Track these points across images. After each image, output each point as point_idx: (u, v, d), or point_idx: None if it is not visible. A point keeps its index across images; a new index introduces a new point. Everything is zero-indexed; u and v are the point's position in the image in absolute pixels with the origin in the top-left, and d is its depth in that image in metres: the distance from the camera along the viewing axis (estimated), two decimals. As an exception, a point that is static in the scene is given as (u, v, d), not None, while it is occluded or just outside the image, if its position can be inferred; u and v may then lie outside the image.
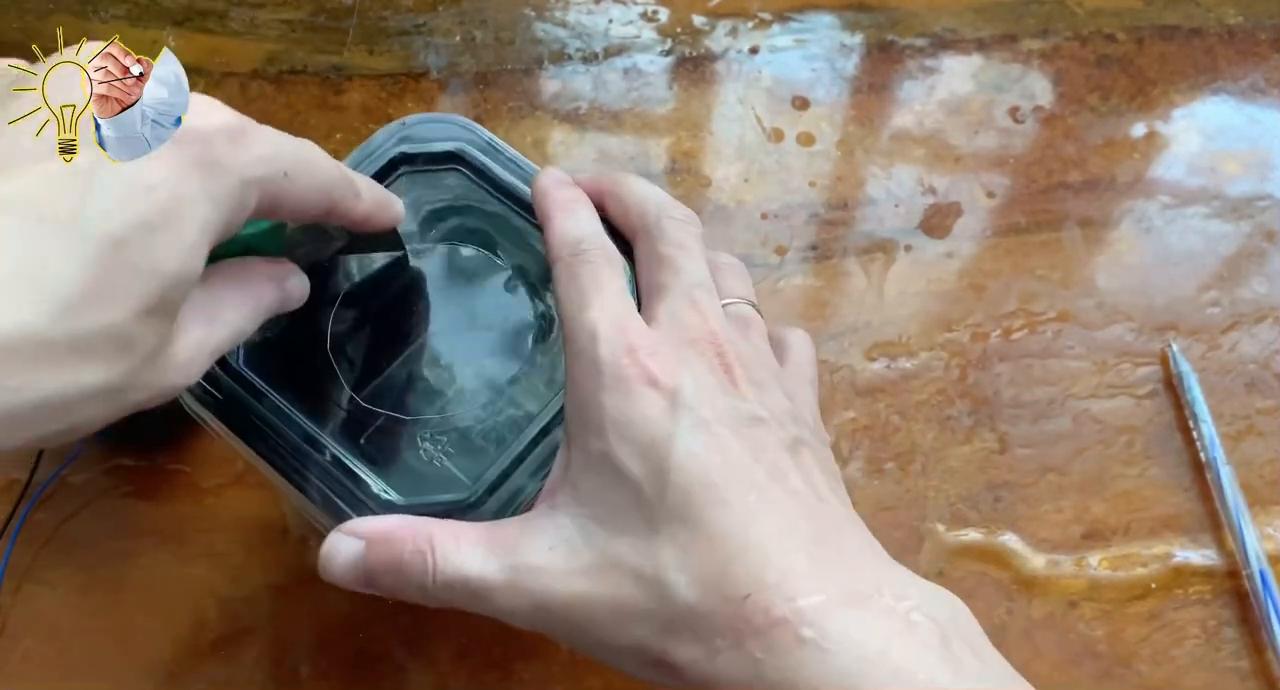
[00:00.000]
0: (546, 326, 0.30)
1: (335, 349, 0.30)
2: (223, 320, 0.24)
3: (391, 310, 0.31)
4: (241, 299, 0.25)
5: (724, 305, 0.28)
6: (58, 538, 0.36)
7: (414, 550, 0.24)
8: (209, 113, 0.22)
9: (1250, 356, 0.42)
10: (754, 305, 0.30)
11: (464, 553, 0.24)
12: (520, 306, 0.31)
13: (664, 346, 0.25)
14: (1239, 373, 0.42)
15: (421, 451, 0.29)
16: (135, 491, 0.37)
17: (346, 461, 0.28)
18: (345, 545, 0.25)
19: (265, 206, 0.23)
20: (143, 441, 0.37)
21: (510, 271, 0.31)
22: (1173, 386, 0.41)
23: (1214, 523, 0.39)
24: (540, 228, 0.29)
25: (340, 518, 0.27)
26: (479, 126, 0.33)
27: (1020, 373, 0.42)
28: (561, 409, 0.27)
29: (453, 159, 0.32)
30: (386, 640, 0.35)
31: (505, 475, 0.28)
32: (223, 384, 0.28)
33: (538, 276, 0.31)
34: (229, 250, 0.25)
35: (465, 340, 0.30)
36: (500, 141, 0.32)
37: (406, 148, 0.32)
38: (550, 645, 0.35)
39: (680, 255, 0.28)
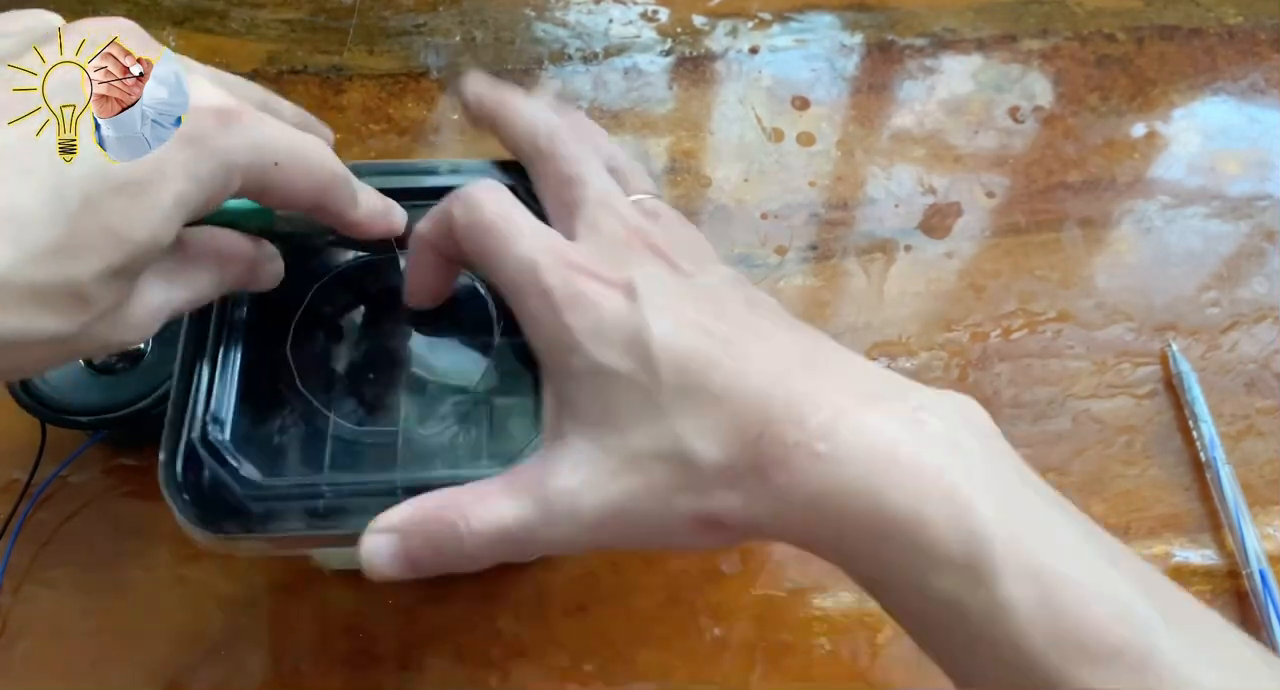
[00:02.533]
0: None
1: (301, 342, 0.30)
2: (183, 283, 0.25)
3: (373, 311, 0.31)
4: (206, 266, 0.25)
5: (632, 201, 0.29)
6: (58, 538, 0.36)
7: (446, 524, 0.25)
8: (205, 92, 0.23)
9: (1250, 356, 0.42)
10: (659, 197, 0.30)
11: (492, 507, 0.25)
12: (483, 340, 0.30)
13: (600, 254, 0.26)
14: (1239, 373, 0.42)
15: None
16: (135, 491, 0.37)
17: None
18: (381, 543, 0.25)
19: (251, 190, 0.24)
20: (143, 442, 0.37)
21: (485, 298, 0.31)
22: (1173, 386, 0.41)
23: (1214, 523, 0.39)
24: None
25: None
26: None
27: (1020, 373, 0.42)
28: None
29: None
30: (386, 640, 0.35)
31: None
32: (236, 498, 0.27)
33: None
34: (211, 219, 0.25)
35: (438, 358, 0.30)
36: None
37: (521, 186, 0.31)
38: (549, 647, 0.35)
39: (580, 169, 0.29)
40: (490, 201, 0.27)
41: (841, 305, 0.43)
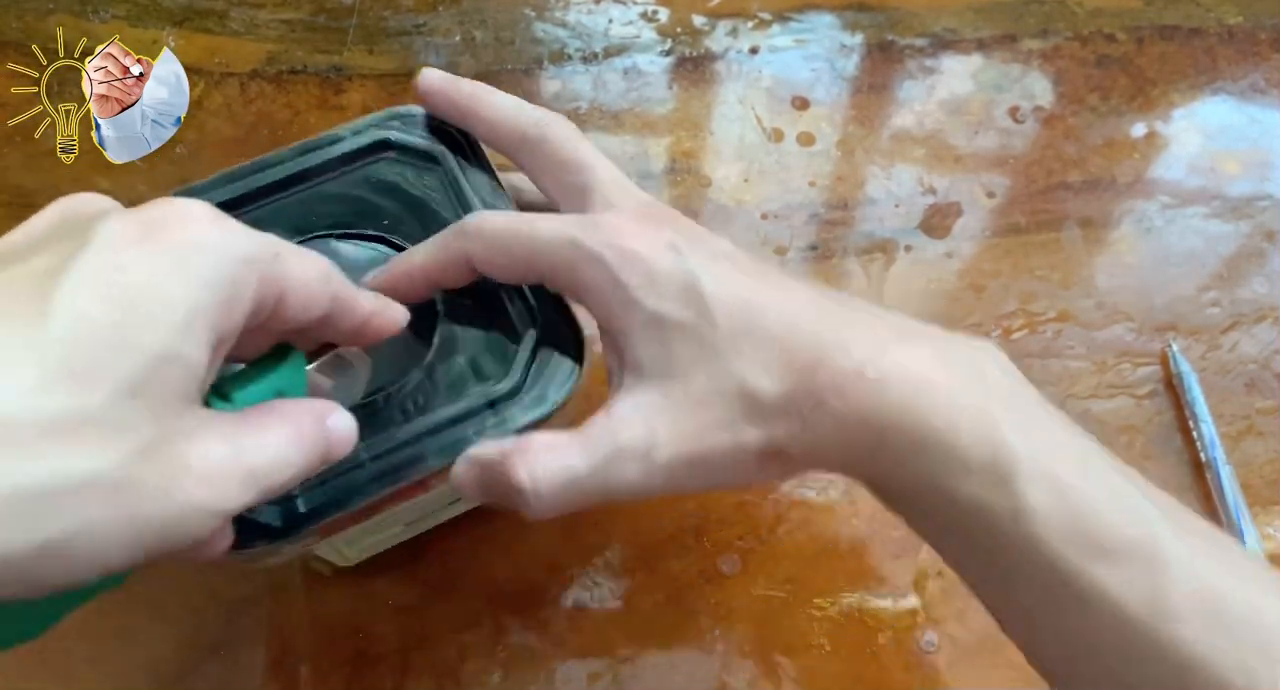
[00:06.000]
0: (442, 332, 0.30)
1: None
2: (257, 442, 0.22)
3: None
4: (277, 423, 0.23)
5: None
6: (58, 538, 0.36)
7: (512, 468, 0.25)
8: (190, 202, 0.22)
9: (1250, 356, 0.42)
10: None
11: (562, 458, 0.26)
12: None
13: (632, 218, 0.27)
14: (1239, 373, 0.42)
15: None
16: (135, 491, 0.37)
17: None
18: (465, 472, 0.27)
19: (270, 294, 0.22)
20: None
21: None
22: (1173, 386, 0.41)
23: (1214, 523, 0.39)
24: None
25: None
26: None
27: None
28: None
29: (433, 159, 0.32)
30: (386, 640, 0.35)
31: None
32: None
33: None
34: (257, 396, 0.24)
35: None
36: (484, 148, 0.32)
37: (396, 134, 0.32)
38: (550, 647, 0.35)
39: (581, 153, 0.30)
40: (496, 216, 0.28)
41: (841, 305, 0.43)
